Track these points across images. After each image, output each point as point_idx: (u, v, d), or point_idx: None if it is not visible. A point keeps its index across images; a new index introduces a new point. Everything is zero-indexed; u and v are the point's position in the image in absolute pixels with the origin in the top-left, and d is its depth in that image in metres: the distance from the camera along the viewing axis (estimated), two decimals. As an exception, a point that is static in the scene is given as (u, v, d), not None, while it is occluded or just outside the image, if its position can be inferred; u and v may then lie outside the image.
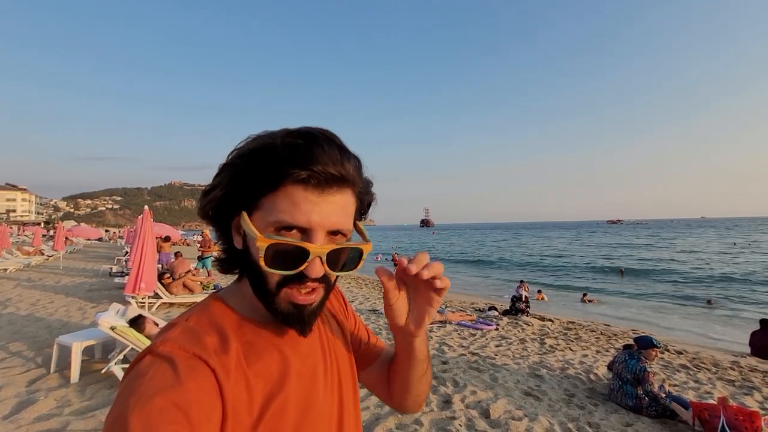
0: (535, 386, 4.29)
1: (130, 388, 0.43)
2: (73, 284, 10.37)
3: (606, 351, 6.11)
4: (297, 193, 0.48)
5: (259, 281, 0.52)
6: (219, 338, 0.51)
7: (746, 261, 24.18)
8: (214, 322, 0.53)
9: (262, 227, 0.50)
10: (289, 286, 0.51)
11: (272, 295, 0.52)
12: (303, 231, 0.50)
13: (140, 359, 0.47)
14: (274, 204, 0.49)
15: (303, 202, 0.48)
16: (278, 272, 0.50)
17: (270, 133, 0.52)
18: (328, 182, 0.49)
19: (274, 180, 0.49)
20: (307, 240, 0.49)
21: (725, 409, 3.29)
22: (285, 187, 0.48)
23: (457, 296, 12.97)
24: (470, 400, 3.78)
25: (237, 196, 0.51)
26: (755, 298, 13.50)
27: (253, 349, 0.53)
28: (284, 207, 0.48)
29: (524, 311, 9.04)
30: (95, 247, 30.05)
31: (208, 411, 0.43)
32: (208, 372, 0.46)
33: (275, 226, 0.49)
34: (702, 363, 5.89)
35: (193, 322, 0.52)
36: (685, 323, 10.06)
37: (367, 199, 0.59)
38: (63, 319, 6.44)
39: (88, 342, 4.03)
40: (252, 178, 0.50)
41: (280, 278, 0.51)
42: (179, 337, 0.49)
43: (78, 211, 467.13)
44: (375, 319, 7.57)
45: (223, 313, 0.55)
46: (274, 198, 0.49)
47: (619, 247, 39.34)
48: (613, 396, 3.99)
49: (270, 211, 0.49)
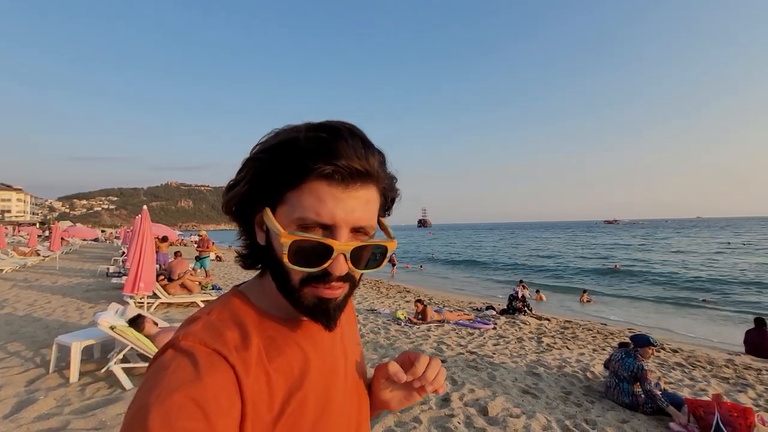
0: (533, 384, 4.33)
1: (153, 381, 0.43)
2: (70, 285, 10.34)
3: (602, 349, 6.16)
4: (321, 188, 0.47)
5: (283, 277, 0.52)
6: (240, 333, 0.51)
7: (738, 261, 24.38)
8: (236, 317, 0.53)
9: (286, 223, 0.49)
10: (314, 284, 0.51)
11: (296, 291, 0.51)
12: (326, 227, 0.49)
13: (163, 352, 0.47)
14: (299, 200, 0.48)
15: (327, 198, 0.47)
16: (302, 269, 0.49)
17: (293, 127, 0.52)
18: (352, 177, 0.48)
19: (298, 175, 0.48)
20: (331, 236, 0.49)
21: (720, 405, 3.34)
22: (309, 183, 0.48)
23: (455, 296, 13.03)
24: (468, 398, 3.81)
25: (260, 191, 0.51)
26: (748, 297, 13.63)
27: (274, 344, 0.53)
28: (308, 203, 0.48)
29: (522, 310, 9.09)
30: (91, 248, 29.92)
31: (226, 406, 0.43)
32: (228, 368, 0.46)
33: (299, 223, 0.48)
34: (697, 361, 5.95)
35: (215, 317, 0.52)
36: (680, 322, 10.16)
37: (391, 195, 0.58)
38: (61, 319, 6.43)
39: (87, 342, 4.04)
40: (276, 173, 0.49)
41: (304, 275, 0.50)
42: (200, 331, 0.49)
43: (74, 212, 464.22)
44: (373, 318, 7.59)
45: (245, 307, 0.55)
46: (299, 193, 0.48)
47: (615, 247, 39.51)
48: (610, 393, 4.04)
49: (294, 207, 0.48)
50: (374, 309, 8.60)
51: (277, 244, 0.49)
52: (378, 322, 7.29)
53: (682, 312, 11.49)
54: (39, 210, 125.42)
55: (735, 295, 14.09)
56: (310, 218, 0.48)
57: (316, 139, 0.48)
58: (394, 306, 9.23)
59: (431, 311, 7.59)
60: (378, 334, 6.35)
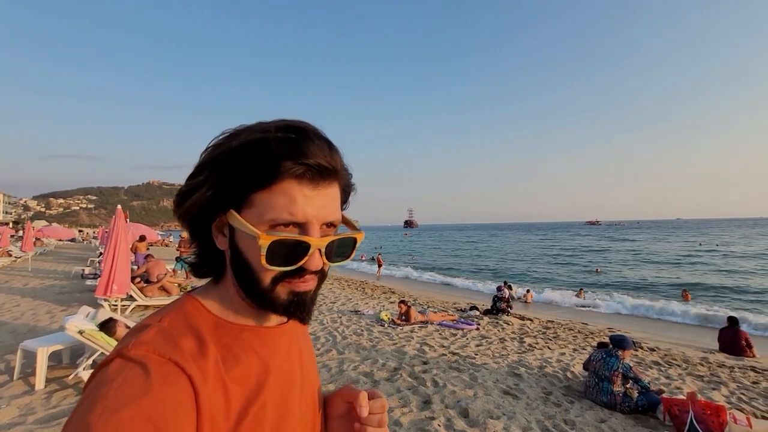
0: (514, 385, 4.35)
1: (96, 395, 0.39)
2: (42, 287, 9.95)
3: (583, 349, 6.25)
4: (293, 188, 0.48)
5: (253, 280, 0.51)
6: (196, 341, 0.48)
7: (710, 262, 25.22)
8: (191, 324, 0.50)
9: (256, 225, 0.48)
10: (287, 281, 0.51)
11: (269, 291, 0.51)
12: (299, 225, 0.49)
13: (108, 362, 0.43)
14: (270, 201, 0.48)
15: (299, 197, 0.48)
16: (279, 269, 0.49)
17: (253, 127, 0.51)
18: (321, 176, 0.50)
19: (270, 176, 0.47)
20: (304, 234, 0.49)
21: (694, 404, 3.40)
22: (280, 183, 0.48)
23: (440, 296, 13.07)
24: (449, 400, 3.80)
25: (226, 194, 0.49)
26: (723, 297, 14.07)
27: (231, 352, 0.51)
28: (281, 203, 0.48)
29: (505, 311, 9.17)
30: (67, 248, 28.96)
31: (182, 421, 0.41)
32: (184, 379, 0.43)
33: (271, 223, 0.48)
34: (673, 359, 6.08)
35: (167, 324, 0.49)
36: (656, 321, 10.40)
37: (348, 190, 0.60)
38: (30, 323, 6.16)
39: (54, 347, 3.86)
40: (245, 175, 0.48)
41: (278, 274, 0.50)
42: (154, 339, 0.46)
43: (50, 211, 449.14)
44: (357, 320, 7.53)
45: (200, 314, 0.53)
46: (269, 194, 0.48)
47: (598, 246, 40.37)
48: (589, 393, 4.08)
49: (264, 208, 0.48)
50: (358, 310, 8.54)
51: (251, 246, 0.49)
52: (361, 323, 7.23)
53: (658, 311, 11.76)
54: (12, 209, 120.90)
55: (709, 294, 14.52)
56: (283, 218, 0.48)
57: (286, 140, 0.48)
58: (378, 307, 9.18)
59: (415, 312, 7.57)
60: (361, 336, 6.29)
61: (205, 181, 0.50)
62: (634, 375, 3.93)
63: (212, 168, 0.50)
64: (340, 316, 7.86)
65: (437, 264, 27.55)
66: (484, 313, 9.18)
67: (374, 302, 10.06)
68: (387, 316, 7.54)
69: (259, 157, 0.47)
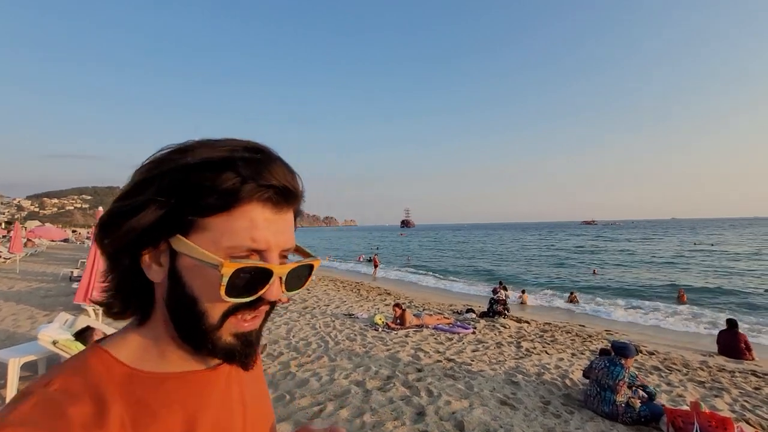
0: (511, 394, 4.19)
1: None
2: (27, 290, 9.70)
3: (581, 354, 6.11)
4: (255, 211, 0.43)
5: (197, 317, 0.44)
6: (94, 405, 0.40)
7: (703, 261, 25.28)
8: (90, 383, 0.41)
9: (214, 252, 0.42)
10: (239, 314, 0.45)
11: (213, 330, 0.45)
12: (258, 252, 0.44)
13: None
14: (229, 224, 0.42)
15: (261, 221, 0.44)
16: (237, 300, 0.43)
17: (212, 144, 0.45)
18: (286, 200, 0.46)
19: (233, 197, 0.42)
20: (263, 260, 0.45)
21: (698, 415, 3.26)
22: (242, 206, 0.42)
23: (435, 297, 12.90)
24: (444, 412, 3.63)
25: (176, 217, 0.42)
26: (719, 298, 14.00)
27: (147, 410, 0.43)
28: (242, 227, 0.42)
29: (502, 313, 9.02)
30: (60, 249, 28.60)
31: None
32: None
33: (230, 252, 0.42)
34: (673, 364, 5.96)
35: (57, 387, 0.40)
36: (653, 323, 10.30)
37: (297, 215, 0.54)
38: (9, 329, 5.94)
39: (27, 357, 3.66)
40: (204, 196, 0.42)
41: (230, 308, 0.44)
42: (30, 415, 0.36)
43: (44, 211, 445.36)
44: (350, 324, 7.35)
45: (106, 368, 0.44)
46: (228, 218, 0.42)
47: (592, 247, 40.43)
48: (589, 402, 3.92)
49: (222, 233, 0.42)
50: (352, 313, 8.36)
51: (202, 276, 0.43)
52: (355, 327, 7.05)
53: (655, 311, 11.68)
54: (5, 209, 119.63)
55: (704, 295, 14.47)
56: (244, 244, 0.43)
57: (254, 160, 0.44)
58: (373, 310, 9.01)
59: (410, 315, 7.41)
60: (354, 341, 6.12)
61: (149, 202, 0.42)
62: (641, 383, 3.78)
63: (159, 186, 0.43)
64: (334, 320, 7.68)
65: (433, 265, 27.36)
66: (480, 316, 9.03)
67: (369, 305, 9.89)
68: (381, 319, 7.37)
69: (223, 176, 0.42)
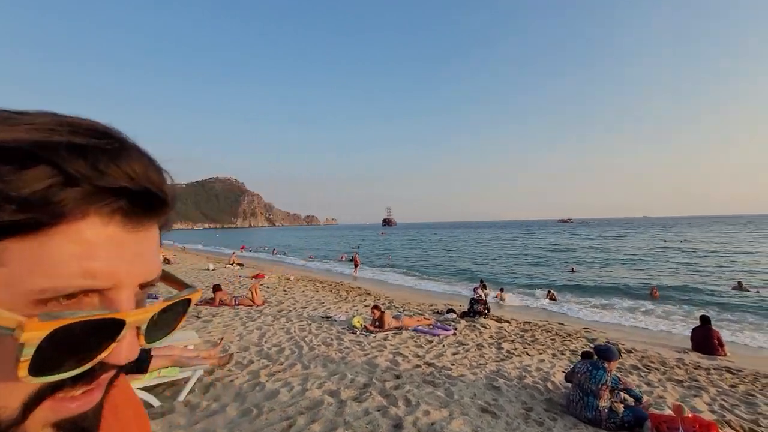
0: (493, 400, 4.02)
1: None
2: None
3: (561, 354, 6.04)
4: (92, 229, 0.25)
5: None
6: None
7: (675, 258, 26.22)
8: None
9: (8, 302, 0.22)
10: (60, 392, 0.26)
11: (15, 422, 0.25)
12: (98, 292, 0.26)
13: None
14: (42, 253, 0.23)
15: (103, 244, 0.25)
16: (55, 378, 0.24)
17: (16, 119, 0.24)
18: (146, 210, 0.27)
19: (49, 210, 0.23)
20: (108, 304, 0.26)
21: (683, 421, 3.16)
22: (68, 223, 0.24)
23: (415, 297, 12.74)
24: (423, 422, 3.42)
25: None
26: (690, 295, 14.42)
27: None
28: (66, 255, 0.23)
29: (482, 313, 8.92)
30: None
31: None
32: None
33: (41, 295, 0.23)
34: (651, 362, 5.96)
35: None
36: (629, 320, 10.46)
37: (164, 229, 0.33)
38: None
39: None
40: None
41: (45, 388, 0.25)
42: None
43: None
44: (327, 327, 7.07)
45: None
46: (41, 242, 0.23)
47: (568, 244, 41.37)
48: (572, 408, 3.79)
49: (29, 269, 0.23)
50: (329, 316, 8.07)
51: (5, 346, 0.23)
52: (332, 331, 6.77)
53: (631, 308, 11.91)
54: None
55: (676, 292, 14.89)
56: (70, 283, 0.24)
57: (92, 149, 0.25)
58: (352, 312, 8.75)
59: (389, 317, 7.18)
60: (330, 346, 5.84)
61: None
62: (624, 386, 3.68)
63: None
64: (310, 323, 7.37)
65: (414, 263, 27.28)
66: (461, 316, 8.90)
67: (348, 306, 9.61)
68: (359, 322, 7.12)
69: (28, 175, 0.22)
